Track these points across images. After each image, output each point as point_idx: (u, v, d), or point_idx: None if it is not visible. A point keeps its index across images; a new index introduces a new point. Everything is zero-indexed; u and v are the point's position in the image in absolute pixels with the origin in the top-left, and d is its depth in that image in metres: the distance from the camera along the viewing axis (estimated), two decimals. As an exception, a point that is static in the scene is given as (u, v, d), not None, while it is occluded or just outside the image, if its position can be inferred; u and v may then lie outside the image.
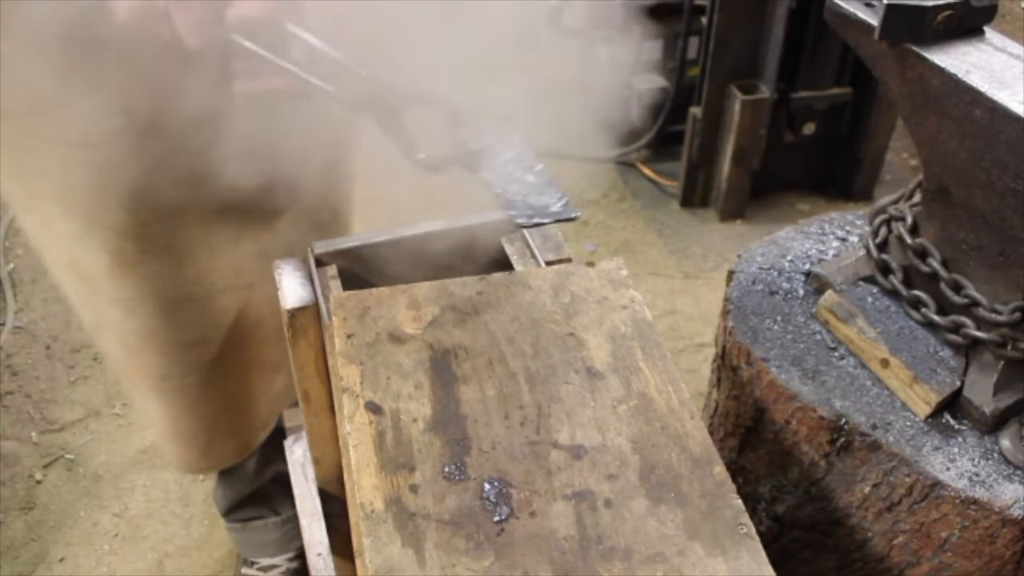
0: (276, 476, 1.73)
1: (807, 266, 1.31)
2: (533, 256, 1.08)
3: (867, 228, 1.23)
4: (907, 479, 1.07)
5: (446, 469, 0.81)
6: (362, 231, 1.13)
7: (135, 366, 1.39)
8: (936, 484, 1.05)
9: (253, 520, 1.82)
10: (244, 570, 1.90)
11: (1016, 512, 1.02)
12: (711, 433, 0.86)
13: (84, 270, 1.27)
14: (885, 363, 1.14)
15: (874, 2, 1.03)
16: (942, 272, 1.11)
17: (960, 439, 1.09)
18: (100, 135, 1.11)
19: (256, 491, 1.77)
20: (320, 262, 1.07)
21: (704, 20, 2.70)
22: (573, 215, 0.93)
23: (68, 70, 1.03)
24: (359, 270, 1.10)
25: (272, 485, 1.78)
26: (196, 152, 1.07)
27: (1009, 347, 1.07)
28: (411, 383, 0.88)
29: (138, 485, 2.12)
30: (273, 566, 1.88)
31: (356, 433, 0.84)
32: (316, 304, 1.03)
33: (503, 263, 1.10)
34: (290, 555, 1.88)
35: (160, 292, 1.27)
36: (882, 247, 1.19)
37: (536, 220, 0.93)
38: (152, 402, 1.43)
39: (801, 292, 1.28)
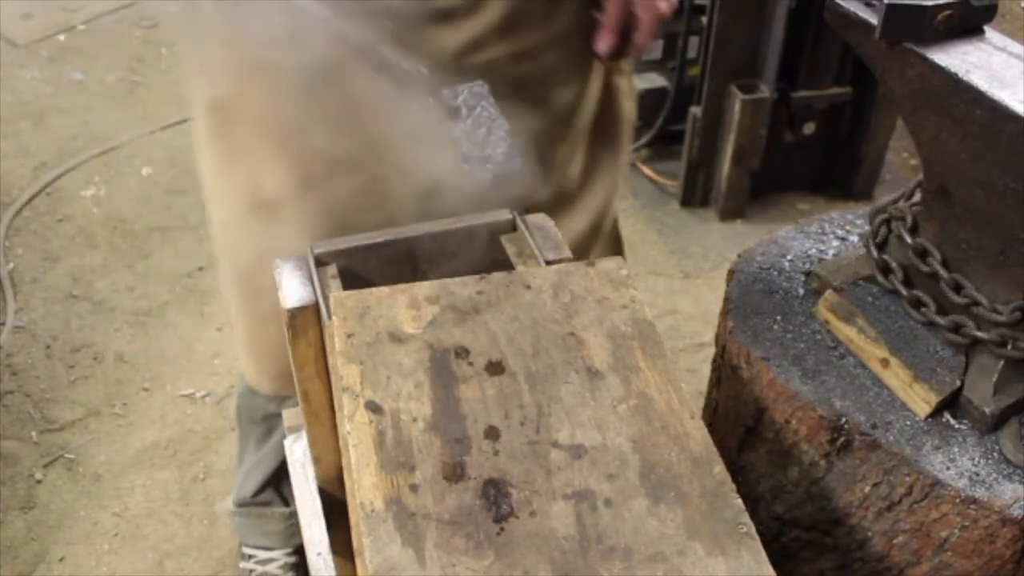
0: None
1: (807, 266, 1.31)
2: (533, 255, 1.08)
3: (867, 228, 1.23)
4: (907, 479, 1.07)
5: (446, 469, 0.81)
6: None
7: None
8: (936, 484, 1.05)
9: (267, 506, 1.84)
10: (242, 564, 1.91)
11: (1016, 511, 1.02)
12: (711, 432, 0.86)
13: (264, 195, 1.32)
14: (885, 363, 1.14)
15: (874, 1, 1.03)
16: (942, 272, 1.11)
17: (960, 439, 1.09)
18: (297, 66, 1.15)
19: (278, 470, 1.80)
20: (320, 262, 1.07)
21: (704, 20, 2.70)
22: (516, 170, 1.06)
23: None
24: (359, 270, 1.10)
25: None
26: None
27: (1009, 347, 1.07)
28: (411, 382, 0.88)
29: (138, 485, 2.12)
30: (271, 560, 1.89)
31: (356, 433, 0.84)
32: (316, 304, 1.03)
33: (503, 263, 1.10)
34: (289, 550, 1.89)
35: (339, 209, 1.30)
36: (882, 247, 1.19)
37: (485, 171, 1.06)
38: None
39: (801, 292, 1.28)
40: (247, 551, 1.91)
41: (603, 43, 1.28)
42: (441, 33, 1.22)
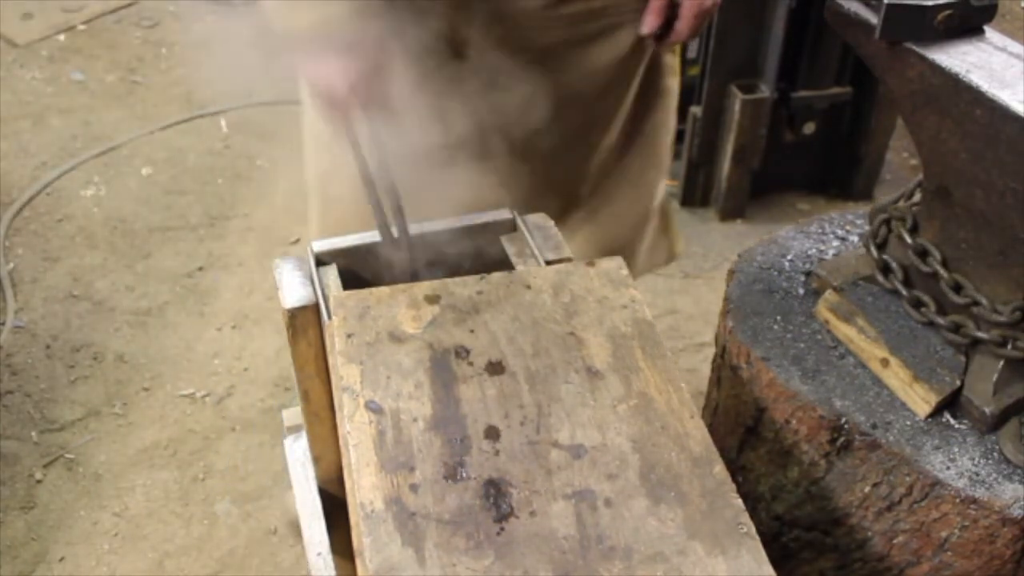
0: None
1: (807, 266, 1.31)
2: (533, 255, 1.08)
3: (867, 228, 1.23)
4: (907, 478, 1.07)
5: (446, 469, 0.81)
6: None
7: (356, 209, 1.47)
8: (936, 483, 1.05)
9: None
10: None
11: (1016, 511, 1.02)
12: (711, 432, 0.86)
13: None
14: (885, 362, 1.14)
15: (874, 1, 1.03)
16: (942, 272, 1.11)
17: (960, 439, 1.09)
18: None
19: None
20: (320, 261, 1.07)
21: (704, 20, 2.70)
22: None
23: None
24: (359, 270, 1.10)
25: None
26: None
27: (1009, 346, 1.07)
28: (411, 382, 0.88)
29: (138, 485, 2.12)
30: None
31: (356, 432, 0.84)
32: (316, 304, 1.03)
33: (503, 263, 1.10)
34: None
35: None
36: (882, 247, 1.19)
37: None
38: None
39: (801, 292, 1.28)
40: None
41: (645, 23, 1.34)
42: None
